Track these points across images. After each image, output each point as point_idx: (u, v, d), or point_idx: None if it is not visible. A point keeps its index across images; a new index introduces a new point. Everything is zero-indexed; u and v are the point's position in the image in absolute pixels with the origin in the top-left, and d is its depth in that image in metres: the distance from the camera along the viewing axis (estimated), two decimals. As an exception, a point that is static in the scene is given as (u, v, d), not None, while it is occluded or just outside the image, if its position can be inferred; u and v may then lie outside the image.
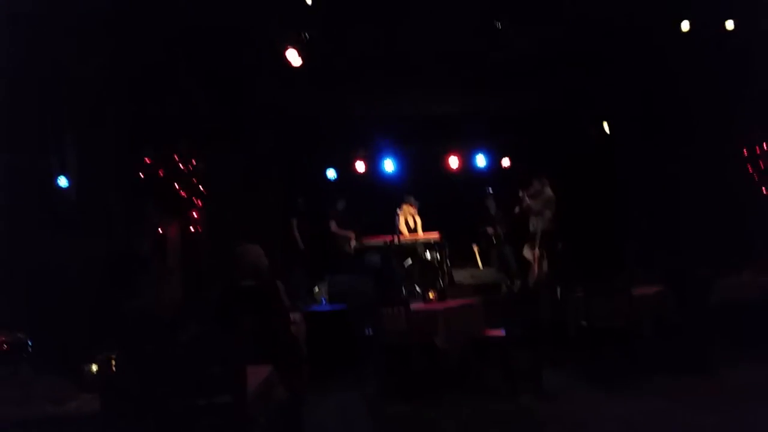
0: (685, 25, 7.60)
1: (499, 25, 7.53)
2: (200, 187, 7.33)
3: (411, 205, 10.06)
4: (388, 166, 11.13)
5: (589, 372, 6.03)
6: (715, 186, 8.97)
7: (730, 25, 7.59)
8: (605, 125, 10.44)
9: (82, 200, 5.58)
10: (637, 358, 5.86)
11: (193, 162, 7.19)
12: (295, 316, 5.58)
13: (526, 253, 9.62)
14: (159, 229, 6.65)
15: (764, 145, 9.08)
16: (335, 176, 11.19)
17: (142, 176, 6.44)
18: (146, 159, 6.57)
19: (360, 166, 11.19)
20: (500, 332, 5.86)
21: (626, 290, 5.97)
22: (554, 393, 5.52)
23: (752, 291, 6.68)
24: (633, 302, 5.91)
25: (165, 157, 6.73)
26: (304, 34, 7.11)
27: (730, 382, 5.49)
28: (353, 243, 9.87)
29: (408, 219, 10.08)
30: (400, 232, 9.69)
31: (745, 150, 9.35)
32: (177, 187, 6.73)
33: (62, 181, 5.93)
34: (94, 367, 3.02)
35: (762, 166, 9.18)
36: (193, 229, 7.07)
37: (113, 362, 2.93)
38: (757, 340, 6.12)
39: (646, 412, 4.78)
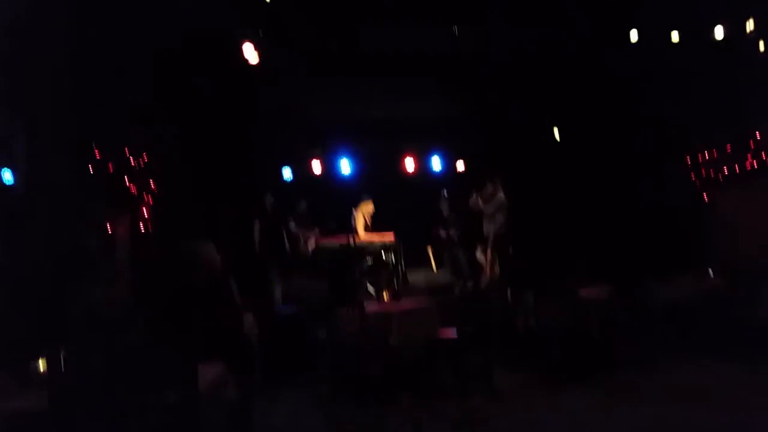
0: (634, 35, 7.88)
1: (455, 29, 7.65)
2: (151, 183, 7.16)
3: (368, 204, 10.06)
4: (345, 167, 11.14)
5: (538, 371, 6.18)
6: (660, 193, 9.31)
7: (675, 36, 7.90)
8: (555, 131, 10.71)
9: (29, 195, 5.39)
10: (583, 357, 6.03)
11: (144, 158, 7.03)
12: (247, 316, 5.52)
13: (479, 255, 9.76)
14: (108, 225, 6.48)
15: (706, 153, 9.48)
16: (291, 176, 11.12)
17: (91, 171, 6.26)
18: (96, 153, 6.39)
19: (316, 167, 11.16)
20: (452, 333, 5.93)
21: (574, 292, 6.13)
22: (504, 392, 5.63)
23: (693, 296, 6.97)
24: (580, 304, 6.08)
25: (115, 152, 6.56)
26: (261, 31, 7.05)
27: (670, 382, 5.72)
28: (311, 244, 9.83)
29: (366, 218, 10.09)
30: (356, 233, 9.69)
31: (687, 158, 9.75)
32: (127, 182, 6.57)
33: (7, 176, 5.73)
34: (42, 363, 2.93)
35: (704, 174, 9.58)
36: (142, 226, 6.90)
37: (61, 358, 2.85)
38: (696, 343, 6.42)
39: (592, 409, 4.92)
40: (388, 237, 9.99)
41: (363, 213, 9.98)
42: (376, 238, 10.10)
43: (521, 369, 6.40)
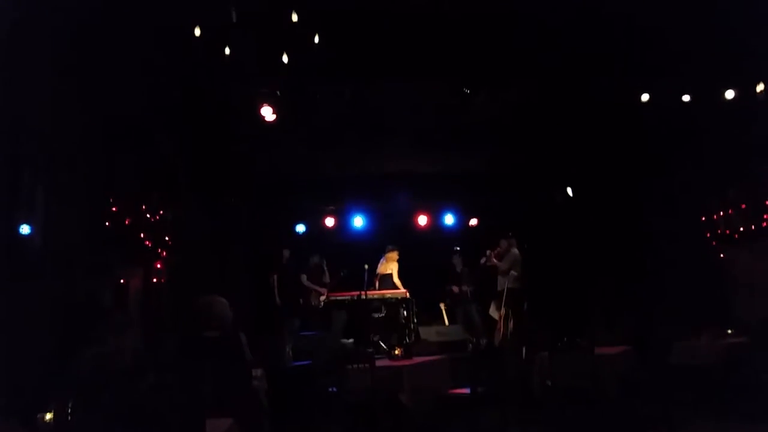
0: (645, 97, 8.02)
1: (467, 90, 7.84)
2: (166, 238, 7.26)
3: (395, 252, 10.11)
4: (358, 222, 11.23)
5: (553, 431, 6.02)
6: (676, 251, 9.25)
7: (686, 98, 8.03)
8: (569, 190, 10.77)
9: (45, 247, 5.48)
10: (600, 416, 5.87)
11: (161, 212, 7.15)
12: (257, 372, 5.48)
13: (492, 311, 9.70)
14: (121, 279, 6.55)
15: (721, 212, 9.45)
16: (304, 230, 11.23)
17: (107, 224, 6.37)
18: (113, 208, 6.52)
19: (329, 222, 11.27)
20: (465, 390, 5.83)
21: (590, 350, 6.03)
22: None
23: (708, 354, 6.83)
24: (596, 362, 5.96)
25: (132, 207, 6.69)
26: (278, 92, 7.28)
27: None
28: (323, 298, 9.82)
29: (395, 266, 10.10)
30: (374, 285, 9.69)
31: (703, 217, 9.71)
32: (142, 236, 6.67)
33: (25, 229, 5.82)
34: (49, 416, 2.93)
35: (719, 232, 9.51)
36: (156, 280, 6.96)
37: (69, 410, 2.85)
38: (713, 403, 6.26)
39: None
40: (401, 292, 9.96)
41: (393, 260, 10.02)
42: (389, 292, 10.08)
43: (536, 428, 6.24)
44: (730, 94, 7.93)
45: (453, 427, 6.04)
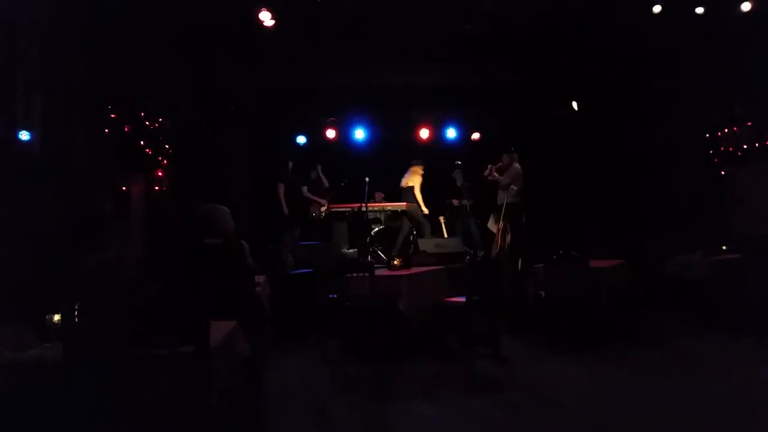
0: (657, 8, 7.73)
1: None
2: (167, 146, 7.22)
3: (419, 166, 10.12)
4: (359, 134, 11.13)
5: (545, 340, 6.25)
6: (676, 168, 9.22)
7: (699, 10, 7.74)
8: (574, 104, 10.59)
9: (45, 153, 5.47)
10: (591, 327, 6.08)
11: (160, 120, 7.07)
12: (260, 278, 5.62)
13: (491, 225, 9.81)
14: (123, 186, 6.57)
15: (725, 129, 9.33)
16: (305, 141, 11.15)
17: (106, 132, 6.32)
18: (112, 114, 6.44)
19: (330, 133, 11.17)
20: (461, 299, 6.00)
21: (584, 263, 6.15)
22: (510, 358, 5.71)
23: (702, 270, 6.98)
24: (590, 275, 6.09)
25: (131, 114, 6.60)
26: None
27: (676, 352, 5.76)
28: (323, 209, 9.90)
29: (417, 181, 10.12)
30: (372, 199, 9.73)
31: (707, 134, 9.61)
32: (142, 144, 6.62)
33: (24, 136, 5.78)
34: (57, 317, 3.02)
35: (722, 150, 9.44)
36: (157, 188, 6.99)
37: (75, 313, 2.94)
38: (703, 316, 6.46)
39: (596, 378, 4.97)
40: (401, 205, 10.03)
41: (417, 174, 10.03)
42: (389, 204, 10.16)
43: (528, 337, 6.48)
44: (746, 6, 7.66)
45: (447, 335, 6.28)
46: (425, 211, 10.01)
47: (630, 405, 4.26)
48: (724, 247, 7.61)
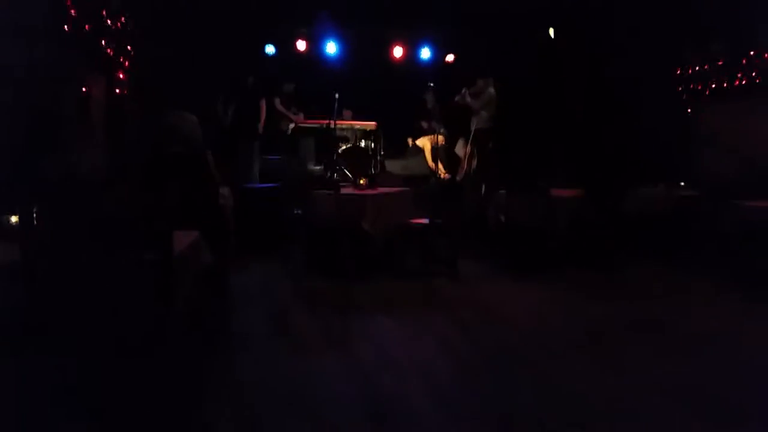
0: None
1: None
2: (128, 47, 6.92)
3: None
4: (331, 48, 10.82)
5: (503, 263, 6.45)
6: (644, 101, 9.28)
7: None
8: (551, 31, 10.43)
9: (3, 51, 5.19)
10: (548, 253, 6.28)
11: (122, 20, 6.74)
12: (224, 190, 5.59)
13: (458, 149, 9.83)
14: (83, 87, 6.32)
15: (696, 67, 9.38)
16: (274, 52, 10.79)
17: (66, 28, 6.00)
18: (72, 11, 6.10)
19: (301, 45, 10.83)
20: (424, 221, 6.10)
21: (545, 191, 6.27)
22: (468, 279, 5.90)
23: (660, 204, 7.19)
24: (550, 203, 6.23)
25: (92, 12, 6.27)
26: None
27: (628, 280, 6.04)
28: (292, 125, 9.74)
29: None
30: (340, 116, 9.59)
31: (678, 69, 9.65)
32: (103, 43, 6.33)
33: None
34: (14, 218, 2.98)
35: (691, 87, 9.53)
36: (118, 90, 6.75)
37: (33, 215, 2.90)
38: (658, 246, 6.73)
39: (548, 300, 5.19)
40: (370, 124, 9.94)
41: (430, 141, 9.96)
42: (358, 123, 10.05)
43: (487, 259, 6.67)
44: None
45: (410, 254, 6.41)
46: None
47: (574, 324, 4.49)
48: (682, 184, 7.83)
